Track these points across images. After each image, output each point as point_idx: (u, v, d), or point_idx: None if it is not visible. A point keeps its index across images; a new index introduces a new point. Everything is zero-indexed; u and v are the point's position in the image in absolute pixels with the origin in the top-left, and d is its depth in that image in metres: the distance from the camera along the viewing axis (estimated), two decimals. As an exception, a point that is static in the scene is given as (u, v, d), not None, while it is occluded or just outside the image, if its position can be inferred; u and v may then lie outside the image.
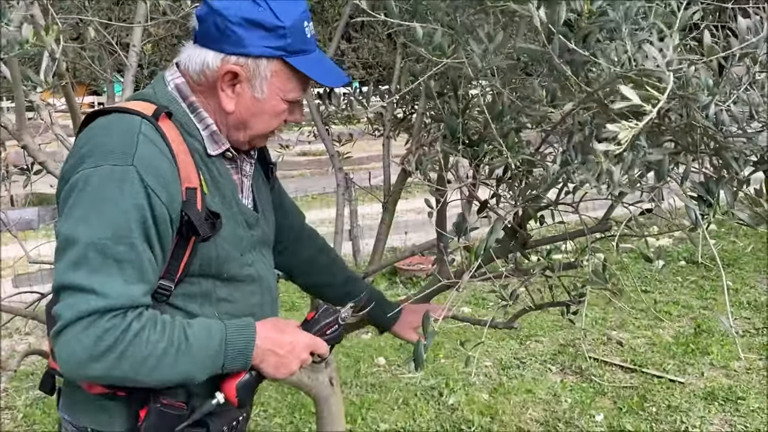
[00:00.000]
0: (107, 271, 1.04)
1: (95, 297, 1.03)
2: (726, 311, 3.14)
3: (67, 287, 1.04)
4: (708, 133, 1.08)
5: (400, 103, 2.24)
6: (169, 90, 1.21)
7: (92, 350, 1.03)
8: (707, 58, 1.01)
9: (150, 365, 1.08)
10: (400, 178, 1.99)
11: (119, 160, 1.07)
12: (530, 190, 1.18)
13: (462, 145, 1.31)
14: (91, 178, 1.07)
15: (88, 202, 1.06)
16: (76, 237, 1.05)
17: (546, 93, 1.10)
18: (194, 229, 1.14)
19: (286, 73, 1.19)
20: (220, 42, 1.16)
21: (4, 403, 3.60)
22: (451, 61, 1.16)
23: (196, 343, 1.12)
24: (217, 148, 1.23)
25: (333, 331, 1.30)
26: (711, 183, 1.08)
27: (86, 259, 1.04)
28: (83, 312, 1.03)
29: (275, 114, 1.23)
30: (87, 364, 1.04)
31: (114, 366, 1.05)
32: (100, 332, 1.03)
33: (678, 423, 3.21)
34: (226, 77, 1.18)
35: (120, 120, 1.13)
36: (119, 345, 1.04)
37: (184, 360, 1.11)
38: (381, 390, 3.63)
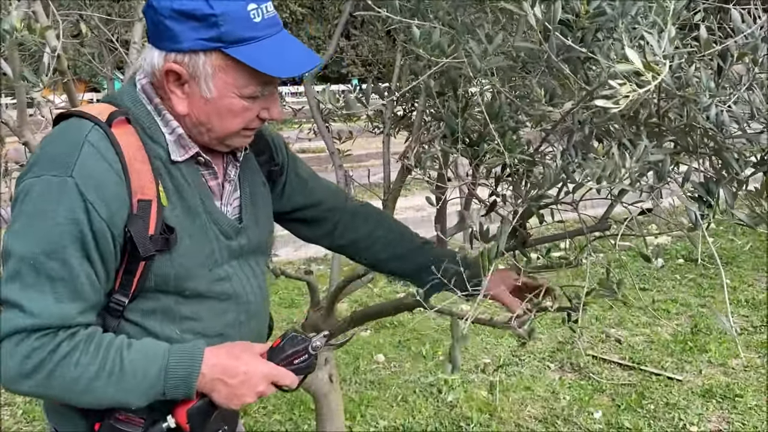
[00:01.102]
0: (39, 288, 1.01)
1: (23, 315, 1.00)
2: (724, 309, 3.13)
3: (3, 301, 1.02)
4: (708, 133, 1.08)
5: (400, 101, 2.24)
6: (136, 91, 1.14)
7: (20, 368, 1.01)
8: (704, 52, 1.02)
9: (80, 388, 1.04)
10: (399, 175, 2.00)
11: (59, 171, 1.02)
12: (534, 190, 1.19)
13: (462, 144, 1.31)
14: (31, 189, 1.03)
15: (25, 215, 1.02)
16: (11, 250, 1.01)
17: (545, 92, 1.10)
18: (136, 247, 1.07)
19: (233, 67, 1.08)
20: (159, 39, 1.09)
21: (3, 400, 3.60)
22: (451, 61, 1.16)
23: (131, 367, 1.05)
24: (183, 153, 1.15)
25: (302, 360, 1.18)
26: (711, 183, 1.09)
27: (19, 275, 1.01)
28: (12, 329, 1.00)
29: (234, 113, 1.12)
30: (17, 380, 1.02)
31: (43, 385, 1.03)
32: (27, 351, 1.00)
33: (676, 420, 3.22)
34: (170, 77, 1.10)
35: (71, 126, 1.08)
36: (46, 365, 1.01)
37: (117, 385, 1.05)
38: (380, 387, 3.64)
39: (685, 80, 1.02)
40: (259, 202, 1.31)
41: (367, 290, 4.94)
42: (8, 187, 2.25)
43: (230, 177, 1.24)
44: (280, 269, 2.35)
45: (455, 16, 1.18)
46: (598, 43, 0.97)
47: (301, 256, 6.04)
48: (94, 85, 7.31)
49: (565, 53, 0.96)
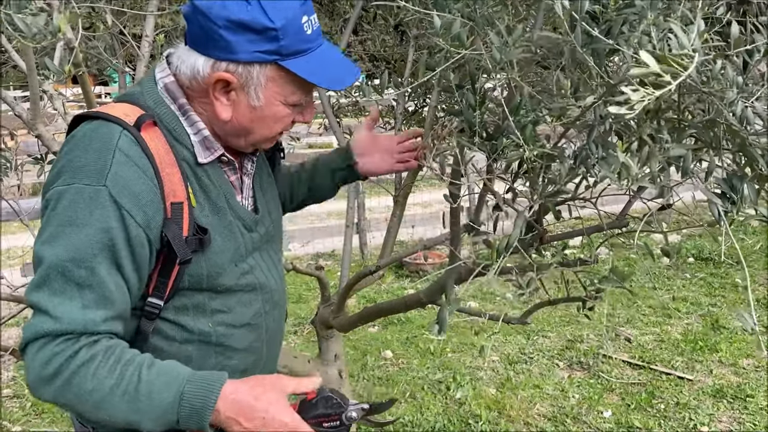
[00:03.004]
0: (67, 294, 1.00)
1: (49, 319, 1.00)
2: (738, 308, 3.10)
3: (32, 305, 1.02)
4: (732, 129, 1.06)
5: (412, 96, 2.22)
6: (158, 90, 1.13)
7: (41, 373, 1.01)
8: (733, 50, 1.00)
9: (94, 400, 1.01)
10: (411, 171, 1.98)
11: (91, 180, 1.01)
12: (551, 185, 1.17)
13: (479, 138, 1.29)
14: (62, 197, 1.02)
15: (56, 222, 1.01)
16: (42, 256, 1.01)
17: (570, 85, 1.08)
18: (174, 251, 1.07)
19: (283, 78, 1.09)
20: (207, 46, 1.07)
21: (12, 392, 3.62)
22: (470, 52, 1.14)
23: (147, 388, 1.01)
24: (209, 155, 1.15)
25: (332, 426, 1.11)
26: (735, 179, 1.07)
27: (48, 281, 1.00)
28: (37, 333, 1.00)
29: (277, 119, 1.14)
30: (39, 386, 1.02)
31: (60, 393, 1.01)
32: (48, 356, 1.00)
33: (686, 420, 3.20)
34: (217, 85, 1.09)
35: (98, 131, 1.06)
36: (64, 372, 1.00)
37: (131, 404, 1.01)
38: (388, 383, 3.63)
39: (711, 75, 1.00)
40: (268, 191, 1.33)
41: (375, 286, 4.94)
42: (19, 180, 2.25)
43: (248, 171, 1.25)
44: (291, 264, 2.34)
45: (474, 8, 1.16)
46: (623, 35, 0.95)
47: (308, 252, 6.04)
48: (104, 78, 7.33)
49: (590, 45, 0.95)
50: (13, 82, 3.23)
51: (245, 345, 1.22)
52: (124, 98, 1.14)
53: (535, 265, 1.21)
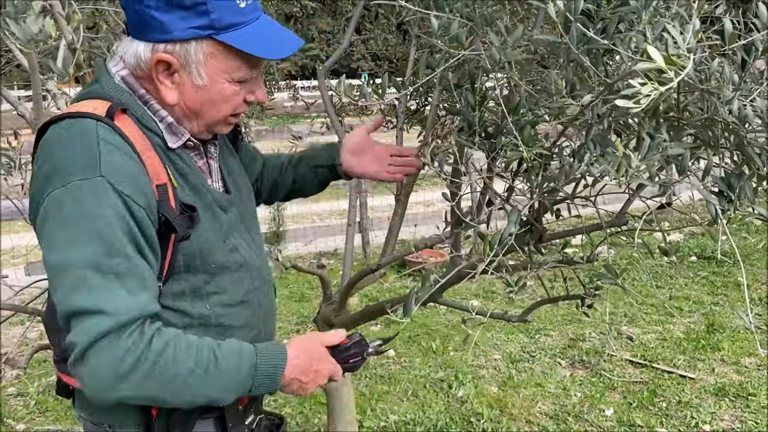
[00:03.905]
0: (109, 286, 1.00)
1: (105, 317, 0.98)
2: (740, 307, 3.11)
3: (74, 314, 1.00)
4: (729, 127, 1.07)
5: (414, 95, 2.23)
6: (116, 83, 1.13)
7: (115, 372, 0.99)
8: (728, 46, 1.00)
9: (177, 385, 1.04)
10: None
11: (86, 174, 1.01)
12: (548, 183, 1.18)
13: (478, 137, 1.30)
14: (63, 199, 1.01)
15: (68, 224, 1.00)
16: (67, 261, 1.00)
17: (565, 84, 1.09)
18: (172, 227, 1.08)
19: (224, 53, 1.09)
20: (144, 31, 1.08)
21: (16, 390, 3.63)
22: (469, 53, 1.15)
23: (226, 365, 1.08)
24: (177, 140, 1.16)
25: (355, 361, 1.29)
26: (732, 178, 1.08)
27: (84, 281, 0.99)
28: (99, 334, 0.98)
29: (225, 98, 1.14)
30: (113, 386, 1.01)
31: (141, 385, 1.02)
32: (121, 353, 0.99)
33: (688, 419, 3.20)
34: (159, 67, 1.10)
35: (74, 128, 1.05)
36: (142, 364, 1.01)
37: (212, 383, 1.07)
38: (390, 382, 3.64)
39: (708, 74, 1.01)
40: (234, 171, 1.35)
41: (377, 285, 4.95)
42: (23, 179, 2.26)
43: (212, 154, 1.27)
44: (290, 262, 2.35)
45: (473, 8, 1.17)
46: (619, 35, 0.95)
47: (311, 251, 6.05)
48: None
49: (585, 45, 0.95)
50: (16, 82, 3.25)
51: (242, 322, 1.26)
52: (86, 95, 1.14)
53: (529, 263, 1.22)
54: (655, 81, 0.85)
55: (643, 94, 0.84)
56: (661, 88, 0.83)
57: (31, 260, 4.94)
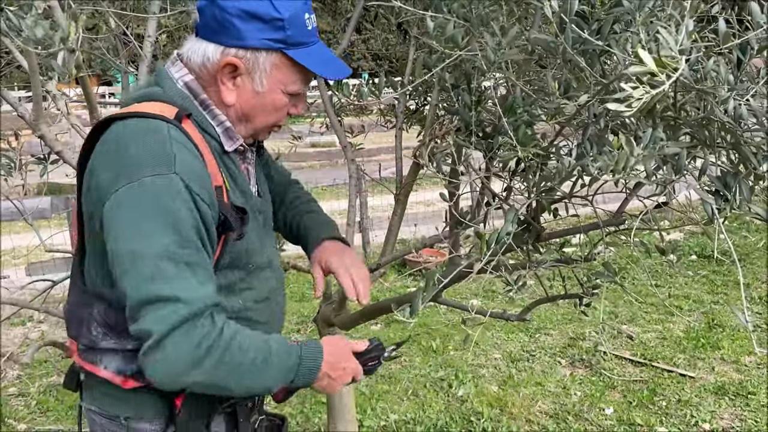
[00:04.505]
0: (183, 276, 1.05)
1: (182, 305, 1.04)
2: (738, 305, 3.11)
3: (149, 301, 1.04)
4: (726, 127, 1.07)
5: (413, 95, 2.23)
6: (178, 88, 1.20)
7: (191, 358, 1.05)
8: (723, 46, 1.01)
9: (242, 373, 1.11)
10: (412, 170, 1.99)
11: (161, 170, 1.07)
12: (545, 182, 1.18)
13: (475, 137, 1.31)
14: (138, 193, 1.06)
15: (144, 216, 1.06)
16: (144, 252, 1.05)
17: (559, 85, 1.10)
18: (230, 227, 1.16)
19: (286, 66, 1.19)
20: (219, 34, 1.16)
21: (17, 390, 3.64)
22: (465, 53, 1.15)
23: (277, 357, 1.16)
24: (232, 144, 1.23)
25: (373, 364, 1.35)
26: (728, 177, 1.08)
27: (160, 270, 1.04)
28: (175, 322, 1.03)
29: (276, 108, 1.23)
30: (188, 372, 1.06)
31: (212, 372, 1.07)
32: (198, 339, 1.05)
33: (688, 417, 3.20)
34: (225, 69, 1.17)
35: (145, 127, 1.11)
36: (215, 351, 1.07)
37: (268, 372, 1.15)
38: (391, 381, 3.65)
39: (703, 74, 1.01)
40: (262, 176, 1.42)
41: (377, 284, 4.95)
42: (23, 180, 2.27)
43: (250, 160, 1.33)
44: (291, 262, 2.36)
45: (469, 8, 1.17)
46: (614, 35, 0.96)
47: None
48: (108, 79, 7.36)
49: (580, 46, 0.96)
50: (17, 83, 3.26)
51: (266, 318, 1.33)
52: (147, 97, 1.20)
53: (527, 262, 1.22)
54: (646, 84, 0.85)
55: (635, 98, 0.84)
56: (653, 91, 0.84)
57: (32, 261, 4.95)
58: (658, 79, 0.81)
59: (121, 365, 1.18)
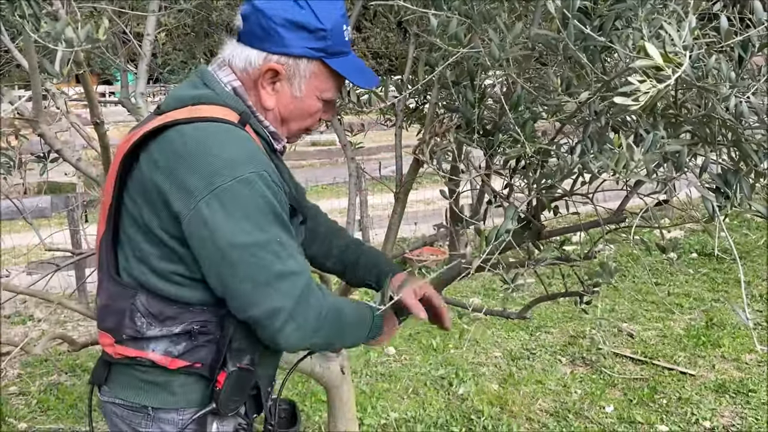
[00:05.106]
0: (291, 254, 1.17)
1: (299, 276, 1.17)
2: (739, 303, 3.12)
3: (268, 283, 1.14)
4: (726, 124, 1.07)
5: (413, 94, 2.23)
6: (228, 92, 1.25)
7: (317, 322, 1.19)
8: (724, 43, 1.00)
9: (344, 332, 1.28)
10: (412, 168, 1.99)
11: (251, 168, 1.14)
12: (545, 180, 1.18)
13: (477, 134, 1.30)
14: (237, 190, 1.13)
15: (251, 211, 1.14)
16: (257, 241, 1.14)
17: (561, 82, 1.09)
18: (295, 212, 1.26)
19: (324, 74, 1.25)
20: (263, 41, 1.22)
21: (18, 389, 3.64)
22: (467, 50, 1.15)
23: (363, 317, 1.31)
24: (278, 145, 1.31)
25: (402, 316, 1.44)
26: (729, 175, 1.08)
27: (277, 254, 1.15)
28: (299, 293, 1.16)
29: (311, 113, 1.29)
30: (312, 336, 1.20)
31: (328, 332, 1.22)
32: (317, 306, 1.19)
33: (688, 415, 3.20)
34: (267, 74, 1.23)
35: (222, 129, 1.18)
36: (328, 314, 1.21)
37: (358, 330, 1.31)
38: (391, 379, 3.65)
39: (705, 71, 1.01)
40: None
41: (377, 283, 4.95)
42: (23, 178, 2.27)
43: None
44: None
45: (471, 5, 1.17)
46: (616, 32, 0.95)
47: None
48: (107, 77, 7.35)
49: (583, 42, 0.95)
50: (16, 82, 3.25)
51: None
52: (200, 100, 1.23)
53: (527, 260, 1.22)
54: (653, 78, 0.85)
55: (642, 92, 0.84)
56: (660, 85, 0.84)
57: (32, 260, 4.95)
58: (664, 73, 0.80)
59: (168, 346, 1.23)
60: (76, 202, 4.87)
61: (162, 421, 1.25)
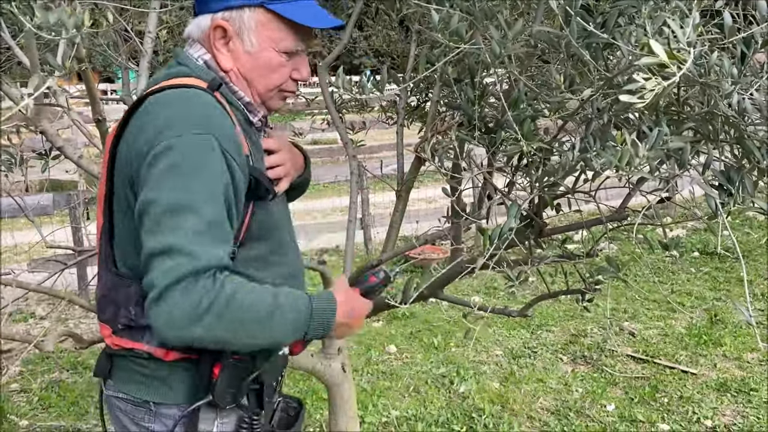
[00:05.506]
0: (200, 232, 1.07)
1: (190, 258, 1.05)
2: (741, 302, 3.12)
3: (164, 251, 1.06)
4: (729, 121, 1.06)
5: (414, 91, 2.23)
6: (200, 65, 1.25)
7: (191, 312, 1.05)
8: (727, 39, 1.00)
9: (246, 328, 1.11)
10: (413, 166, 1.99)
11: (200, 129, 1.11)
12: (547, 177, 1.18)
13: (478, 132, 1.30)
14: (175, 148, 1.09)
15: (178, 170, 1.08)
16: (169, 203, 1.07)
17: (564, 79, 1.09)
18: (262, 190, 1.19)
19: (273, 22, 1.22)
20: (207, 3, 1.22)
21: (19, 386, 3.65)
22: (469, 47, 1.15)
23: (285, 310, 1.15)
24: (254, 117, 1.28)
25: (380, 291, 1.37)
26: (732, 172, 1.07)
27: (180, 223, 1.06)
28: (179, 275, 1.04)
29: (272, 67, 1.25)
30: (187, 326, 1.06)
31: (212, 327, 1.07)
32: (199, 294, 1.05)
33: (690, 414, 3.20)
34: (216, 34, 1.22)
35: (187, 92, 1.17)
36: (215, 306, 1.06)
37: (274, 327, 1.14)
38: (392, 377, 3.65)
39: (707, 67, 1.00)
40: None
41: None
42: (24, 176, 2.27)
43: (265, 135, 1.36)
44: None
45: (473, 1, 1.17)
46: (619, 29, 0.95)
47: (313, 247, 6.05)
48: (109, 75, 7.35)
49: (585, 39, 0.95)
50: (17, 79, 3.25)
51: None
52: (176, 75, 1.23)
53: (530, 257, 1.22)
54: (658, 75, 0.84)
55: (647, 89, 0.84)
56: (665, 82, 0.83)
57: (34, 257, 4.95)
58: (669, 70, 0.80)
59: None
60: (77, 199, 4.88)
61: (164, 416, 1.24)
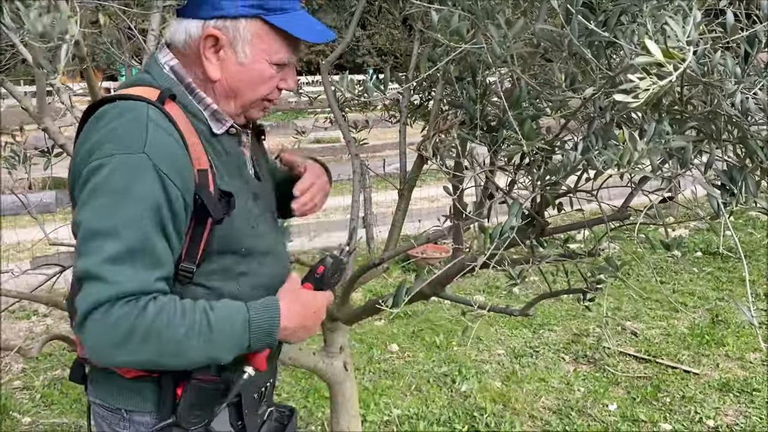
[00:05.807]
0: (120, 259, 1.04)
1: (107, 285, 1.03)
2: (743, 302, 3.12)
3: (84, 277, 1.05)
4: (732, 120, 1.06)
5: (417, 90, 2.22)
6: (165, 73, 1.21)
7: (111, 339, 1.04)
8: (730, 38, 1.00)
9: (173, 349, 1.08)
10: (416, 165, 1.99)
11: (131, 149, 1.07)
12: (549, 176, 1.17)
13: (480, 131, 1.30)
14: (104, 168, 1.07)
15: (103, 192, 1.06)
16: (90, 226, 1.06)
17: (565, 78, 1.09)
18: (207, 211, 1.14)
19: (269, 34, 1.18)
20: (199, 8, 1.17)
21: (22, 383, 3.66)
22: (470, 47, 1.15)
23: (218, 325, 1.12)
24: (221, 127, 1.23)
25: (338, 276, 1.32)
26: (734, 171, 1.07)
27: (100, 248, 1.04)
28: (97, 302, 1.03)
29: (263, 79, 1.21)
30: (110, 352, 1.05)
31: (138, 351, 1.05)
32: (115, 320, 1.03)
33: (692, 414, 3.20)
34: (207, 42, 1.17)
35: (127, 107, 1.12)
36: (138, 330, 1.04)
37: (209, 343, 1.11)
38: (394, 376, 3.65)
39: (711, 67, 1.00)
40: (263, 165, 1.40)
41: (380, 280, 4.95)
42: (27, 173, 2.27)
43: (245, 143, 1.31)
44: (294, 257, 2.35)
45: (475, 0, 1.16)
46: (621, 27, 0.95)
47: (315, 246, 6.05)
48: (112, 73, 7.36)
49: (587, 37, 0.95)
50: (22, 77, 3.26)
51: None
52: (136, 82, 1.21)
53: (531, 256, 1.21)
54: (653, 75, 0.84)
55: (642, 89, 0.83)
56: (660, 82, 0.83)
57: (36, 255, 4.96)
58: (666, 70, 0.80)
59: None
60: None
61: (137, 423, 1.22)
